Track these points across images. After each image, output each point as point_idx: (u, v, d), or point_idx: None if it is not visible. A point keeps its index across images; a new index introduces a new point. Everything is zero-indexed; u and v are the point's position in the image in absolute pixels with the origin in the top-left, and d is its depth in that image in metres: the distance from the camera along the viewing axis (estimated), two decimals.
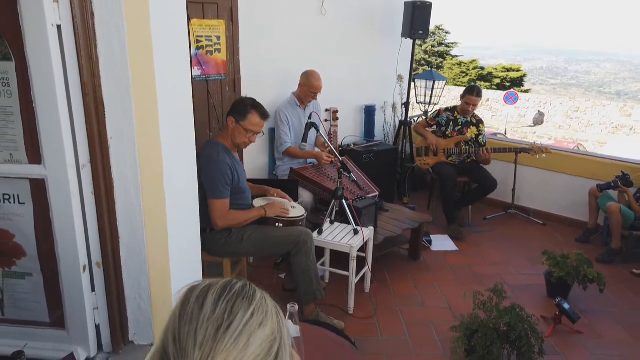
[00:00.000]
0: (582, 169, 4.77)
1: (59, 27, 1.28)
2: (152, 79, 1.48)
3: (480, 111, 21.28)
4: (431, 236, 4.38)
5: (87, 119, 1.35)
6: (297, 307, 1.39)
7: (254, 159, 4.41)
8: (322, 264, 3.50)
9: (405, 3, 5.05)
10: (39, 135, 1.33)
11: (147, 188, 1.50)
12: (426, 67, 26.10)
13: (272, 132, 4.33)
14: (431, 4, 5.05)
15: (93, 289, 1.50)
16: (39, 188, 1.38)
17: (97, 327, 1.53)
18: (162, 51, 1.53)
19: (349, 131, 5.30)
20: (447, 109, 4.79)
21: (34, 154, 1.36)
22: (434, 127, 4.82)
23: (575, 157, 4.99)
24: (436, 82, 5.60)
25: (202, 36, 3.83)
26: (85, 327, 1.48)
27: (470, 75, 25.75)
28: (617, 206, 4.04)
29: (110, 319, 1.53)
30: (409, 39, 5.19)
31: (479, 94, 4.60)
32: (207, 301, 0.76)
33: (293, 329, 1.37)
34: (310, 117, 3.46)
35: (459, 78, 25.66)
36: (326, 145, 3.99)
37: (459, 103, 4.75)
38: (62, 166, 1.34)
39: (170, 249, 1.66)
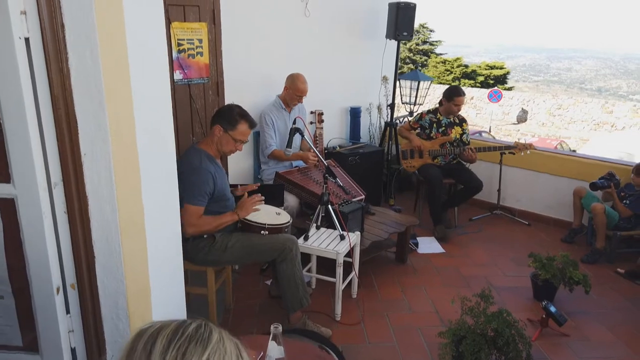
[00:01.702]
0: (566, 169, 4.80)
1: (27, 39, 1.22)
2: (127, 90, 1.43)
3: (465, 109, 21.45)
4: (418, 238, 4.37)
5: (59, 136, 1.29)
6: (280, 328, 1.35)
7: (238, 163, 4.35)
8: (308, 270, 3.45)
9: (390, 4, 5.02)
10: (7, 154, 1.26)
11: (124, 204, 1.45)
12: (411, 66, 26.19)
13: (256, 135, 4.28)
14: (415, 5, 5.03)
15: (68, 311, 1.44)
16: (8, 208, 1.32)
17: (73, 350, 1.47)
18: (139, 61, 1.47)
19: (334, 133, 5.27)
20: (429, 111, 4.78)
21: (2, 173, 1.29)
22: (418, 130, 4.81)
23: (560, 157, 5.01)
24: (421, 82, 5.59)
25: (183, 39, 3.76)
26: (60, 350, 1.42)
27: (455, 73, 25.91)
28: (602, 206, 4.06)
29: (87, 341, 1.47)
30: (393, 40, 5.17)
31: (464, 93, 4.64)
32: (155, 348, 0.69)
33: (277, 350, 1.33)
34: (294, 122, 3.42)
35: (444, 76, 25.80)
36: (311, 150, 3.95)
37: (438, 105, 4.75)
38: (32, 185, 1.28)
39: (150, 265, 1.61)
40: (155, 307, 1.69)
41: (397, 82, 5.55)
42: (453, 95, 4.59)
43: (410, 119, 5.02)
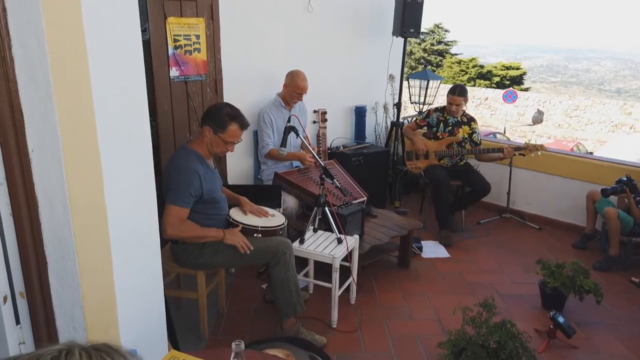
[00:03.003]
0: (579, 172, 4.59)
1: None
2: (85, 80, 1.31)
3: (479, 110, 21.12)
4: (422, 242, 4.21)
5: (1, 130, 1.18)
6: (242, 345, 1.22)
7: (238, 163, 4.24)
8: (306, 275, 3.33)
9: (396, 0, 4.87)
10: None
11: (80, 205, 1.33)
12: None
13: (256, 135, 4.16)
14: (423, 0, 4.86)
15: (17, 322, 1.32)
16: None
17: None
18: (102, 47, 1.35)
19: (338, 133, 5.12)
20: (436, 109, 4.62)
21: None
22: (425, 127, 4.65)
23: (572, 159, 4.81)
24: (430, 82, 5.43)
25: (180, 35, 3.66)
26: None
27: (470, 74, 25.56)
28: (615, 211, 3.86)
29: None
30: (400, 38, 5.01)
31: (460, 93, 4.43)
32: None
33: None
34: (289, 121, 3.29)
35: (459, 76, 25.45)
36: (309, 148, 3.82)
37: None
38: None
39: (115, 272, 1.49)
40: (123, 317, 1.57)
41: (406, 81, 5.39)
42: (448, 93, 4.46)
43: (418, 117, 4.86)
